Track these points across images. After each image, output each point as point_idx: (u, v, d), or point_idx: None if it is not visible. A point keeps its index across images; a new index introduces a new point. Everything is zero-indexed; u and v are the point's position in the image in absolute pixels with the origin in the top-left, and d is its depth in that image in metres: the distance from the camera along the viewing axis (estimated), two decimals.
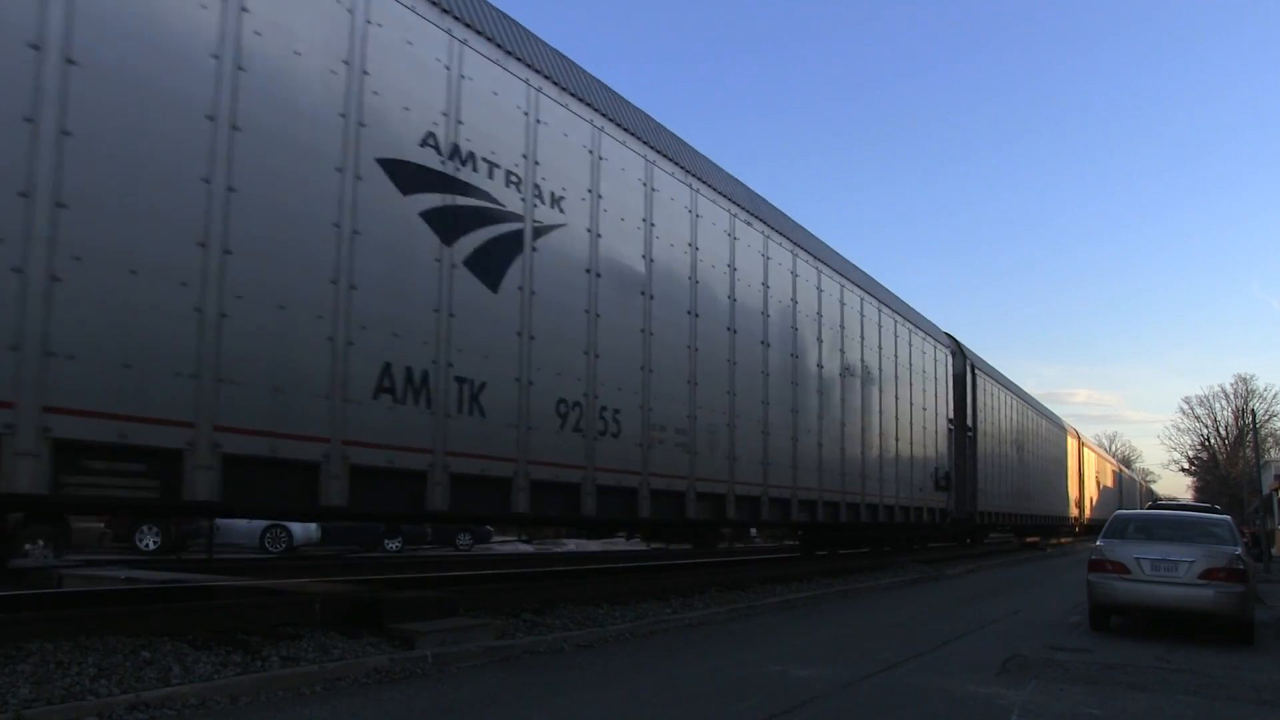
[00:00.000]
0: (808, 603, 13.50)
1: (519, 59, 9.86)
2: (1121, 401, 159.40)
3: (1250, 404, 71.24)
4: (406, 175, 8.35)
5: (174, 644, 6.67)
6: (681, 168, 12.87)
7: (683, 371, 12.52)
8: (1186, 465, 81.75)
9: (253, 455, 6.95)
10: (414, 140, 8.47)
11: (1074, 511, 46.18)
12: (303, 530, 21.16)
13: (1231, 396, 76.18)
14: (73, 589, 10.81)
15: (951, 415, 24.93)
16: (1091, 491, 53.79)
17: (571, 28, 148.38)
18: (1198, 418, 78.60)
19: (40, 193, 5.81)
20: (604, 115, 11.25)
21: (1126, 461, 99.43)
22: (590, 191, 10.88)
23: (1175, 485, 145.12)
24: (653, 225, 12.05)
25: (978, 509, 26.72)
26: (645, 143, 12.10)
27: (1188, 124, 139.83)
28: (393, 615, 8.04)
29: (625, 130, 11.68)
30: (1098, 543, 11.91)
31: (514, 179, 9.65)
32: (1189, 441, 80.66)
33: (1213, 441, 78.35)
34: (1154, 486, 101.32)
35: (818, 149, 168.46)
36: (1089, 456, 52.93)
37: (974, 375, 26.96)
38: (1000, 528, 33.44)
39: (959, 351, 26.24)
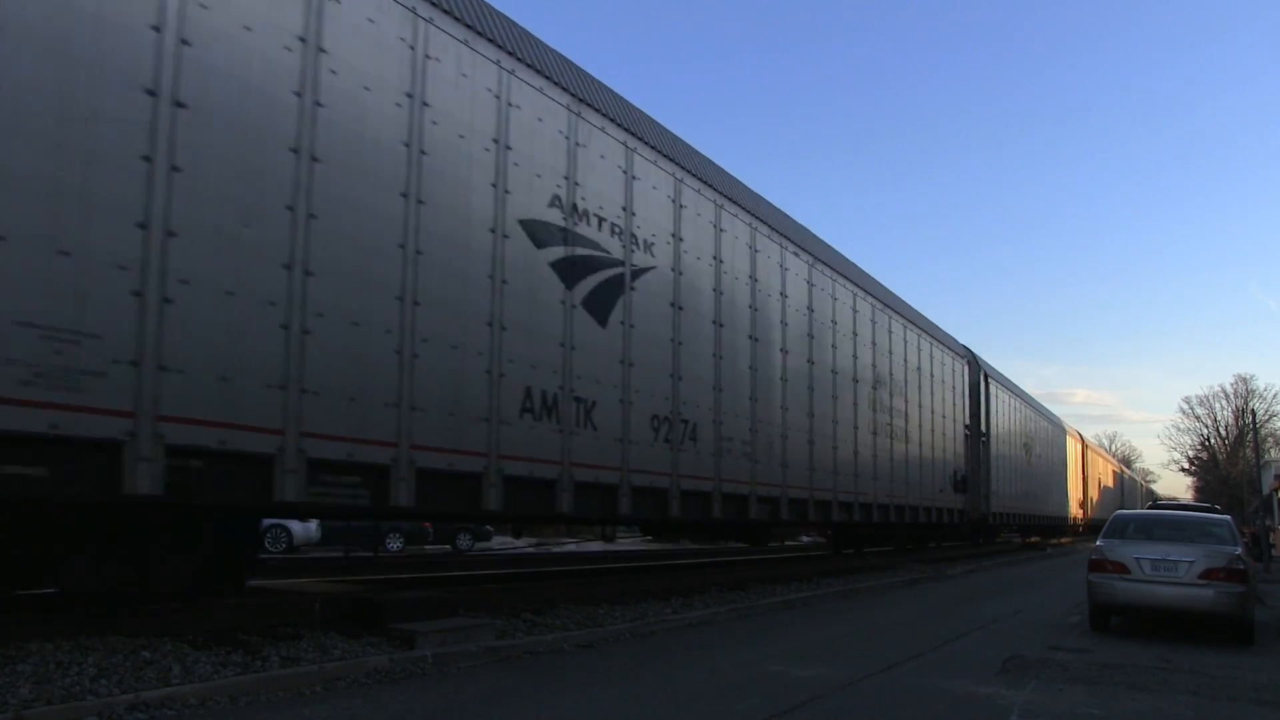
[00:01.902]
0: (808, 603, 13.50)
1: (620, 124, 11.34)
2: (1121, 401, 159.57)
3: (1250, 404, 71.24)
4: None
5: (174, 644, 6.67)
6: (744, 209, 14.30)
7: (746, 389, 14.02)
8: (1186, 465, 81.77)
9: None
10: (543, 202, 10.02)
11: (1076, 512, 46.49)
12: (303, 530, 21.07)
13: (1231, 396, 76.22)
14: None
15: (968, 421, 26.64)
16: (1093, 492, 53.64)
17: (573, 28, 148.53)
18: (1198, 418, 78.64)
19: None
20: (684, 168, 12.77)
21: (1126, 461, 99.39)
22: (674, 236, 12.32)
23: (1175, 485, 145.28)
24: (721, 262, 13.54)
25: (991, 510, 27.98)
26: (714, 188, 13.52)
27: (1188, 124, 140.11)
28: (393, 615, 8.05)
29: (700, 179, 13.15)
30: (1098, 543, 11.91)
31: (616, 229, 11.13)
32: (1189, 441, 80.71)
33: (1213, 441, 78.36)
34: (1154, 486, 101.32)
35: (817, 149, 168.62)
36: (1091, 458, 53.43)
37: (987, 384, 28.31)
38: (1010, 528, 34.50)
39: (974, 361, 27.83)
